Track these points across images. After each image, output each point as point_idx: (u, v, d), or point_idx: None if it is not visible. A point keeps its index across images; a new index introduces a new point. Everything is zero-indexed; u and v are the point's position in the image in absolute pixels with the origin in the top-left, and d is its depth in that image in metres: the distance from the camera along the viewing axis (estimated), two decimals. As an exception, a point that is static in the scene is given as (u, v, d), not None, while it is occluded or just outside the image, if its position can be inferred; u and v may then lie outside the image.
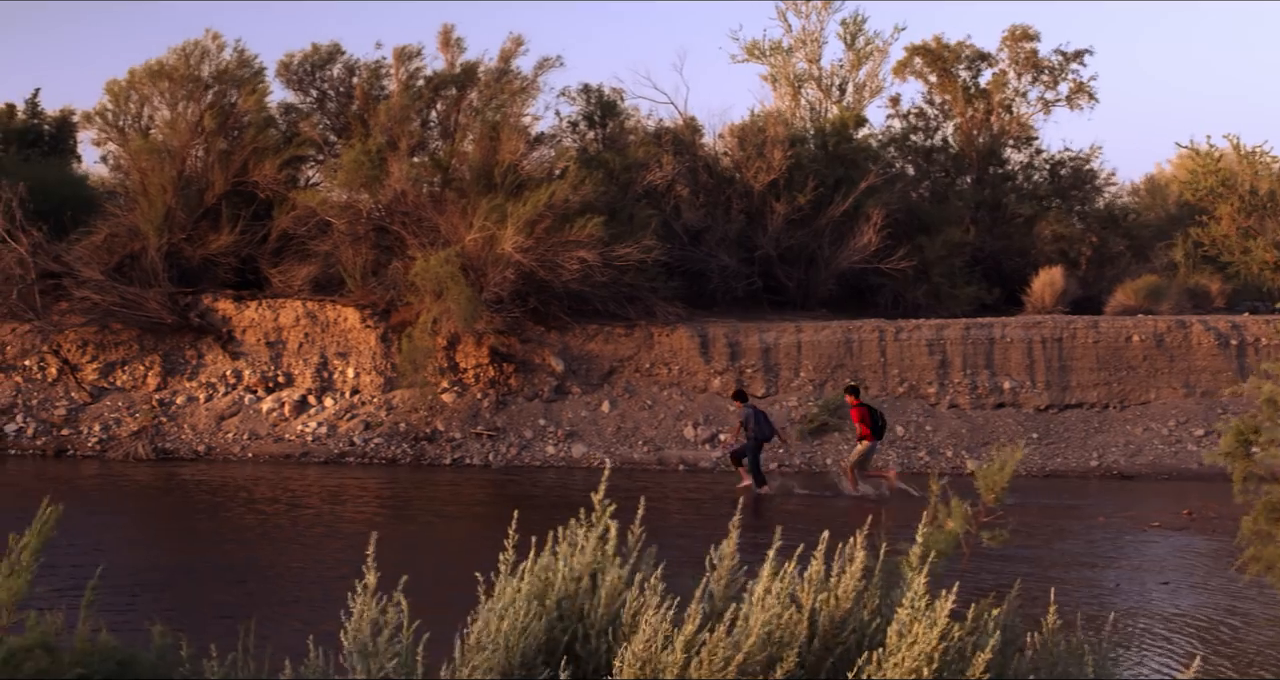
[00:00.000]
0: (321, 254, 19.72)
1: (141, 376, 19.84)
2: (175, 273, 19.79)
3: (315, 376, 19.85)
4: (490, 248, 19.03)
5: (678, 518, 14.41)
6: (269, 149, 19.71)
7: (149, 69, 19.64)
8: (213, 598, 10.21)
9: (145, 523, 14.58)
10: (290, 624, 8.85)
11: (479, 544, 11.84)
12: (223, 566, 11.46)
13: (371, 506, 15.26)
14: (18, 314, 19.50)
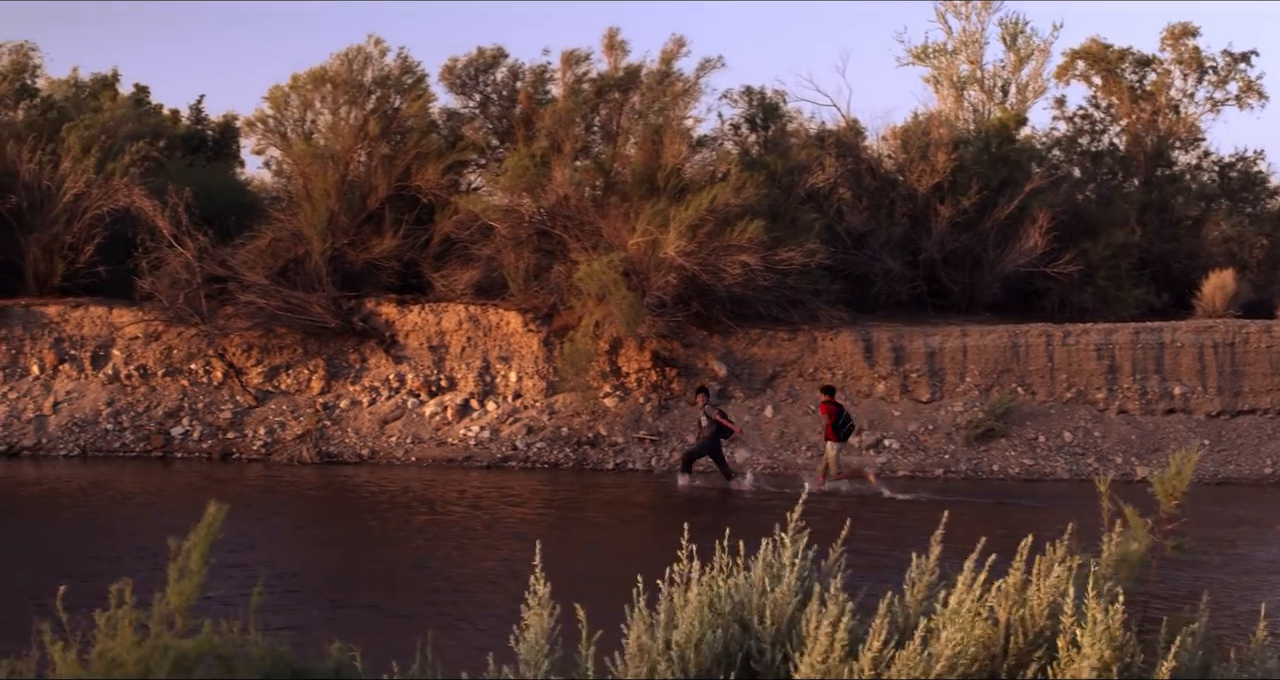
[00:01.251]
0: (484, 258, 21.60)
1: (305, 380, 21.80)
2: (338, 277, 21.78)
3: (478, 380, 21.70)
4: (653, 251, 20.79)
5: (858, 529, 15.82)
6: (432, 153, 21.70)
7: (312, 75, 21.77)
8: (382, 602, 11.23)
9: (313, 526, 16.12)
10: (462, 630, 9.92)
11: (646, 550, 13.44)
12: (392, 570, 12.71)
13: (536, 511, 16.76)
14: (184, 318, 21.57)
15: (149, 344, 21.99)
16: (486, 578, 12.34)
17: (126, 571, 9.63)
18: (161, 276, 21.39)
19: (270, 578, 11.18)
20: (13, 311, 22.10)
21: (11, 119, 22.51)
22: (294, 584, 11.67)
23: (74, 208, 21.94)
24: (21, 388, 21.81)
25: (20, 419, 21.38)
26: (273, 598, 10.58)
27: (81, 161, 21.66)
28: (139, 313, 21.87)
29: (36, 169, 21.89)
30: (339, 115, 21.88)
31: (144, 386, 21.85)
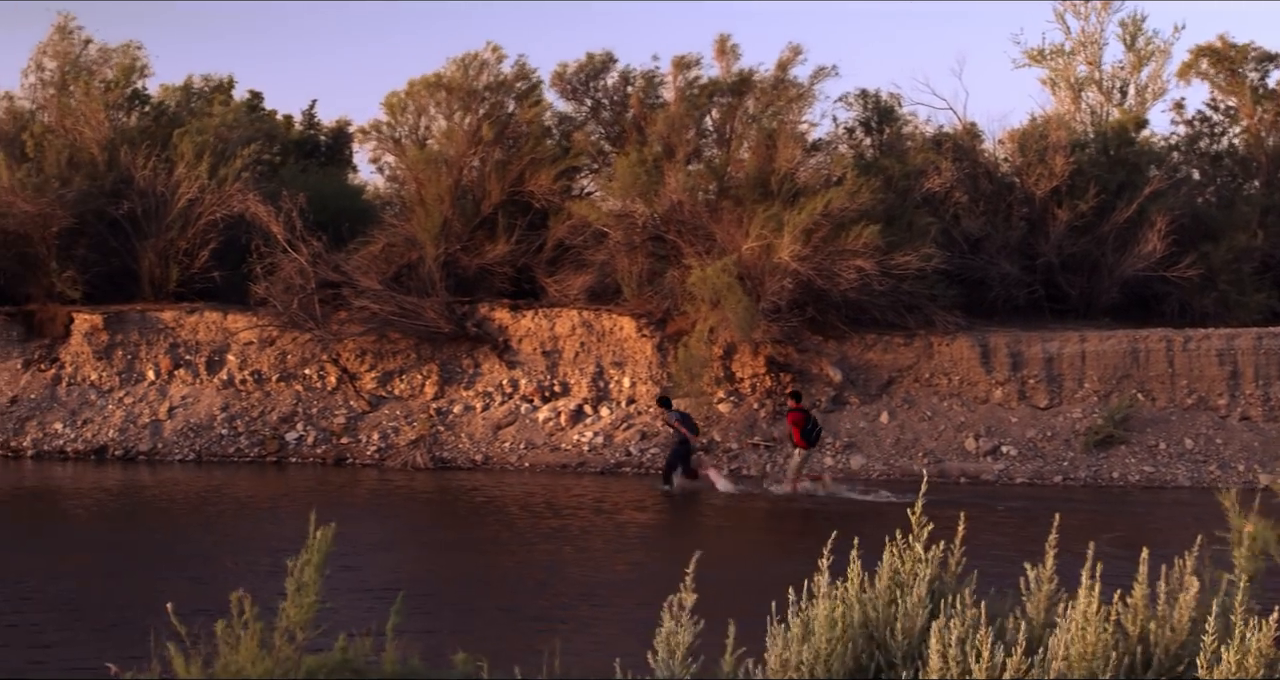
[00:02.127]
0: (597, 263, 23.00)
1: (419, 385, 23.29)
2: (452, 282, 23.26)
3: (591, 386, 23.09)
4: (767, 256, 22.08)
5: (984, 536, 16.98)
6: (545, 159, 23.16)
7: (427, 81, 23.30)
8: (506, 609, 12.12)
9: (431, 532, 17.36)
10: (586, 639, 10.68)
11: (769, 557, 14.69)
12: (513, 576, 13.81)
13: (654, 518, 18.05)
14: (298, 323, 23.12)
15: (263, 349, 23.55)
16: (610, 584, 13.33)
17: (247, 578, 11.11)
18: (276, 282, 22.92)
19: (391, 586, 12.69)
20: (129, 317, 23.76)
21: (125, 125, 24.14)
22: (415, 591, 12.45)
23: (188, 213, 23.59)
24: (137, 393, 23.44)
25: (136, 424, 23.01)
26: (389, 604, 12.00)
27: (195, 167, 23.26)
28: (253, 318, 23.44)
29: (151, 175, 23.55)
30: (453, 121, 23.37)
31: (258, 392, 23.41)
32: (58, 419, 23.31)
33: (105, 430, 23.04)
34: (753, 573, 13.18)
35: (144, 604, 11.51)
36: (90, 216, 23.75)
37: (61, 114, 24.10)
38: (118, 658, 8.91)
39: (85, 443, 22.88)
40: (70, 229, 23.61)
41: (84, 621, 11.39)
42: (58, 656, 10.37)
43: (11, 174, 23.15)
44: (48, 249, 23.65)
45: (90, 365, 23.87)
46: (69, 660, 10.20)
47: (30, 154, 23.54)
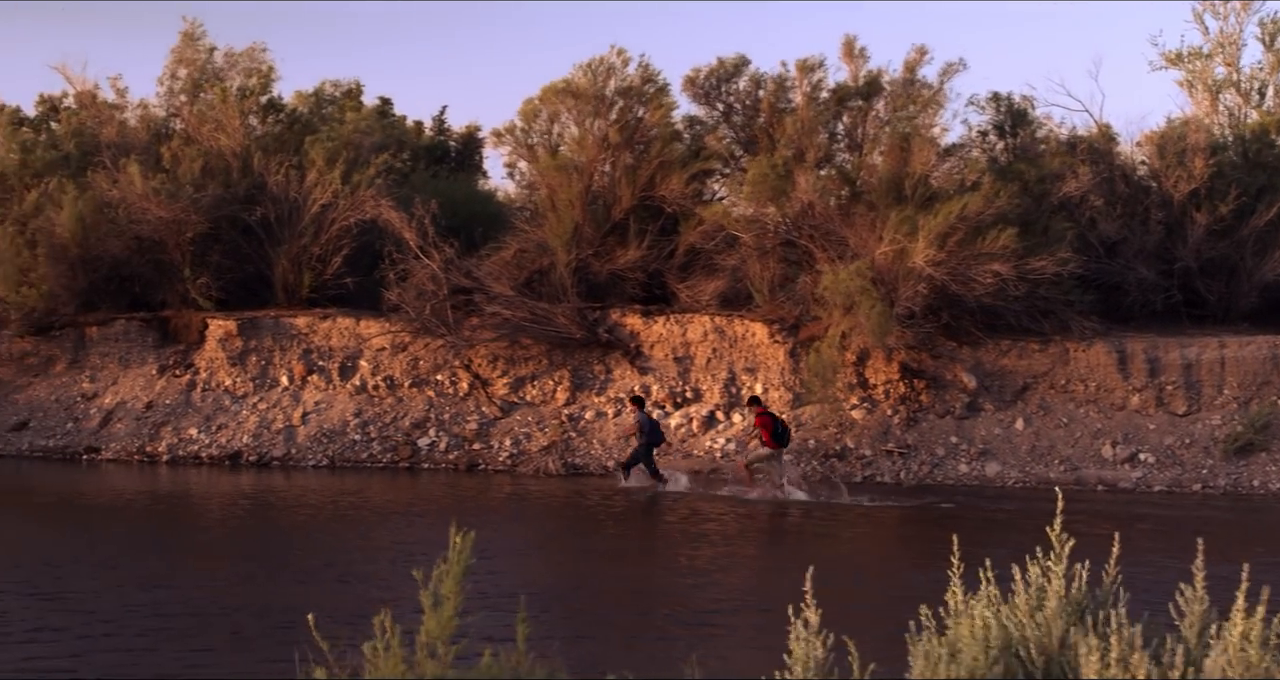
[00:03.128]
0: (729, 268, 24.74)
1: (551, 391, 25.14)
2: (583, 288, 25.10)
3: (723, 392, 24.83)
4: (901, 261, 23.69)
5: (1140, 545, 17.18)
6: (675, 163, 24.95)
7: (556, 87, 25.14)
8: (642, 618, 12.94)
9: (568, 539, 18.58)
10: (721, 650, 11.36)
11: (902, 568, 15.78)
12: (647, 585, 14.68)
13: (787, 526, 19.40)
14: (430, 329, 25.04)
15: (396, 355, 25.52)
16: (743, 592, 14.42)
17: (384, 585, 12.76)
18: (408, 288, 24.87)
19: (528, 594, 13.66)
20: (262, 323, 25.82)
21: (258, 131, 26.23)
22: (555, 599, 13.40)
23: (321, 219, 25.61)
24: (271, 399, 25.48)
25: (270, 430, 25.03)
26: (533, 614, 13.44)
27: (327, 173, 25.27)
28: (386, 324, 25.41)
29: (284, 181, 25.57)
30: (583, 127, 25.21)
31: (391, 397, 25.37)
32: (192, 424, 25.39)
33: (239, 436, 25.07)
34: (874, 583, 14.56)
35: (282, 610, 12.67)
36: (224, 223, 25.89)
37: (196, 121, 26.18)
38: (257, 664, 10.80)
39: (220, 448, 24.91)
40: (204, 235, 25.75)
41: (224, 627, 12.30)
42: (198, 661, 11.20)
43: (146, 181, 25.23)
44: (182, 255, 25.79)
45: (224, 371, 25.96)
46: (212, 665, 11.06)
47: (166, 163, 25.61)
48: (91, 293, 26.27)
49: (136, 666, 10.82)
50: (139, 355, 26.63)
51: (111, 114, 27.32)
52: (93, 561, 15.43)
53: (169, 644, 11.57)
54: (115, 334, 26.71)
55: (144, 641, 11.59)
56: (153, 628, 12.09)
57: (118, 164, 25.81)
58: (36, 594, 13.42)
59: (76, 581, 14.13)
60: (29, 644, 11.39)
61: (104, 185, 25.75)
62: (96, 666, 10.74)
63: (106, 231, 25.68)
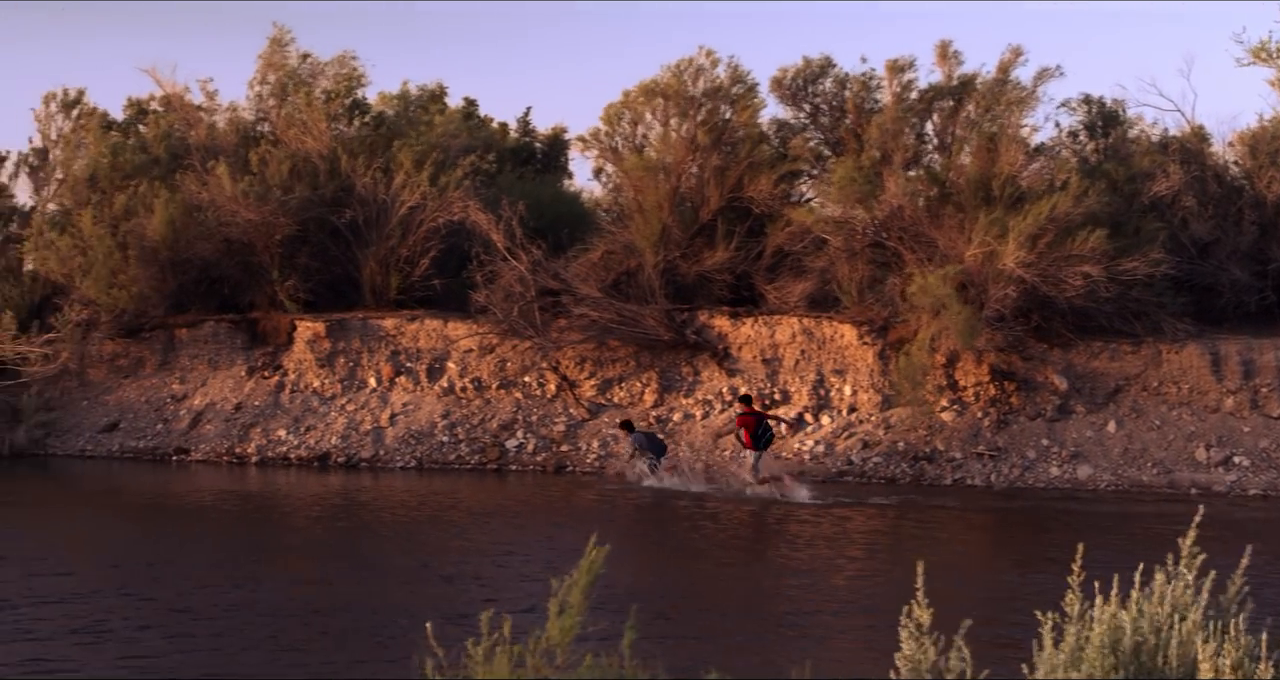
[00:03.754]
0: (817, 270, 25.87)
1: (638, 393, 26.36)
2: (671, 289, 26.30)
3: (812, 394, 25.95)
4: (990, 263, 24.73)
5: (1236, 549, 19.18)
6: (763, 164, 26.12)
7: (643, 88, 26.38)
8: (740, 620, 13.61)
9: (659, 541, 19.42)
10: (823, 652, 11.94)
11: (1000, 570, 16.58)
12: (742, 587, 15.38)
13: (874, 524, 20.29)
14: (518, 331, 26.31)
15: (483, 357, 26.83)
16: (841, 592, 15.19)
17: (486, 586, 13.88)
18: (496, 289, 26.16)
19: (627, 595, 14.19)
20: (350, 324, 27.20)
21: (346, 134, 27.61)
22: (649, 601, 13.90)
23: (408, 221, 26.96)
24: (359, 400, 26.83)
25: (358, 431, 26.38)
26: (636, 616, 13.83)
27: (415, 176, 26.59)
28: (473, 326, 26.72)
29: (371, 183, 26.93)
30: (670, 127, 26.42)
31: (478, 399, 26.68)
32: (281, 426, 26.80)
33: (328, 437, 26.43)
34: (976, 585, 15.40)
35: (376, 611, 13.56)
36: (312, 225, 27.33)
37: (284, 124, 27.60)
38: (352, 663, 11.63)
39: (308, 449, 26.29)
40: (293, 237, 27.16)
41: (320, 627, 13.01)
42: (296, 660, 11.79)
43: (235, 184, 26.65)
44: (271, 257, 27.22)
45: (313, 372, 27.37)
46: (309, 664, 11.64)
47: (254, 166, 27.03)
48: (181, 295, 27.81)
49: (237, 666, 11.58)
50: (228, 357, 28.12)
51: (200, 117, 28.81)
52: (187, 562, 16.47)
53: (266, 643, 12.35)
54: (204, 336, 28.23)
55: (241, 641, 12.40)
56: (249, 627, 12.88)
57: (207, 167, 27.25)
58: (135, 594, 14.37)
59: (173, 582, 15.06)
60: (131, 643, 12.23)
61: (193, 188, 27.20)
62: (198, 666, 11.52)
63: (196, 234, 27.16)
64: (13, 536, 18.36)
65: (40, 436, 27.59)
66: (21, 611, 13.36)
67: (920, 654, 4.97)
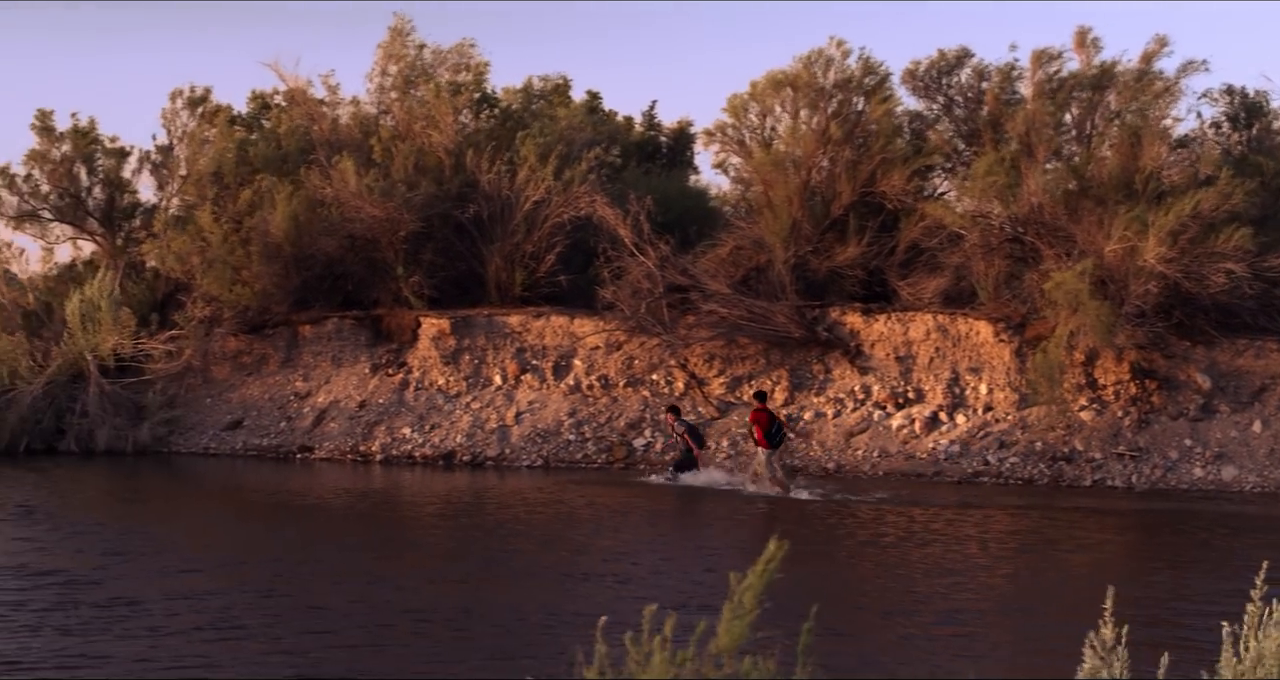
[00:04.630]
0: (952, 265, 27.05)
1: (768, 391, 27.63)
2: (801, 285, 27.61)
3: (946, 392, 27.16)
4: (1131, 259, 25.77)
5: None
6: (896, 158, 27.34)
7: (771, 79, 27.71)
8: (904, 620, 14.04)
9: (798, 540, 20.20)
10: (995, 653, 12.49)
11: (1149, 572, 17.09)
12: (891, 589, 15.82)
13: (1026, 527, 21.04)
14: (646, 328, 27.71)
15: (610, 354, 28.30)
16: (1002, 596, 15.71)
17: (630, 585, 15.18)
18: (623, 286, 27.58)
19: (782, 598, 15.50)
20: (475, 321, 28.77)
21: (469, 128, 29.18)
22: (789, 602, 16.15)
23: (534, 216, 28.45)
24: (484, 398, 28.39)
25: (484, 430, 27.92)
26: (787, 617, 14.56)
27: (539, 170, 28.08)
28: (600, 322, 28.18)
29: (496, 178, 28.46)
30: (799, 120, 27.73)
31: (605, 397, 28.15)
32: (406, 424, 28.40)
33: (453, 435, 27.99)
34: (1129, 585, 16.17)
35: (512, 609, 14.25)
36: (436, 220, 28.88)
37: (408, 118, 29.22)
38: (487, 661, 12.35)
39: (433, 448, 27.86)
40: (417, 233, 28.71)
41: (460, 626, 13.55)
42: (433, 658, 12.38)
43: (359, 179, 28.27)
44: (395, 253, 28.85)
45: (437, 370, 28.98)
46: (451, 663, 12.22)
47: (378, 159, 28.65)
48: (304, 291, 29.52)
49: (381, 664, 12.18)
50: (352, 354, 29.82)
51: (323, 111, 30.51)
52: (317, 560, 17.41)
53: (408, 642, 12.93)
54: (328, 333, 29.96)
55: (380, 639, 13.04)
56: (389, 626, 13.51)
57: (330, 161, 28.90)
58: (264, 592, 15.13)
59: (304, 580, 15.96)
60: (263, 641, 12.83)
61: (317, 183, 28.85)
62: (334, 664, 12.10)
63: (319, 230, 28.86)
64: (140, 534, 19.58)
65: (164, 434, 29.38)
66: (152, 608, 14.18)
67: (1105, 672, 5.22)
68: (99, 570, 16.41)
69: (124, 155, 32.01)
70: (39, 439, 29.27)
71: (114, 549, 18.05)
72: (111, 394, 29.28)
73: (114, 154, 31.86)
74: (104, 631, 13.14)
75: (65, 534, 19.38)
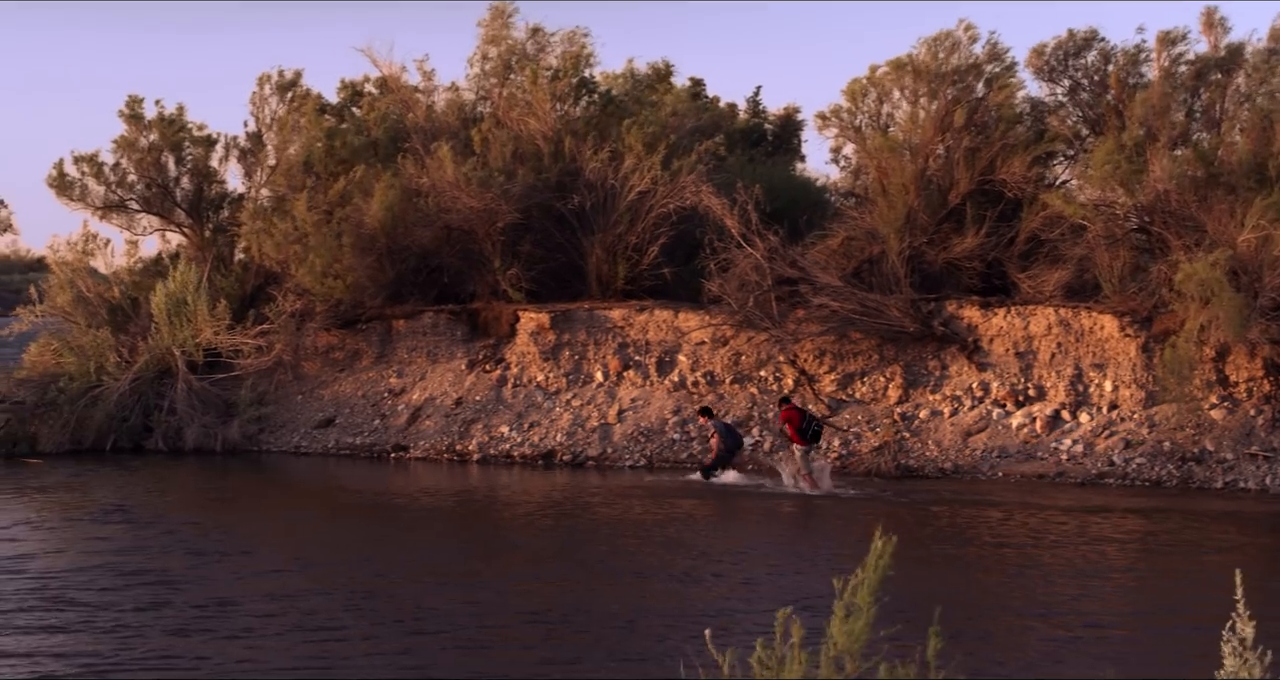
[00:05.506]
0: (1074, 257, 27.64)
1: (881, 389, 28.41)
2: (916, 278, 28.31)
3: (1069, 390, 27.75)
4: (1265, 248, 26.24)
5: None
6: (1018, 145, 27.99)
7: (893, 63, 28.44)
8: (1036, 628, 14.43)
9: (933, 546, 20.42)
10: (1138, 660, 12.81)
11: None
12: (1013, 595, 16.24)
13: (1164, 528, 21.46)
14: (754, 322, 28.51)
15: (716, 349, 29.13)
16: (1137, 601, 16.24)
17: (735, 587, 15.99)
18: (730, 278, 28.36)
19: (913, 600, 15.95)
20: (576, 315, 29.70)
21: (571, 115, 30.11)
22: (921, 605, 14.77)
23: (637, 207, 29.30)
24: (585, 395, 29.30)
25: (584, 428, 28.82)
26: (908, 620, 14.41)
27: (646, 159, 28.95)
28: (706, 317, 29.03)
29: (600, 167, 29.34)
30: (918, 106, 28.44)
31: (711, 394, 28.99)
32: (504, 422, 29.38)
33: (552, 434, 28.94)
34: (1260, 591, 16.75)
35: (623, 610, 14.91)
36: (535, 211, 29.82)
37: (506, 105, 30.19)
38: (612, 664, 12.96)
39: (532, 447, 28.82)
40: (515, 224, 29.68)
41: (575, 627, 14.26)
42: (545, 659, 13.02)
43: (457, 168, 29.24)
44: (492, 245, 29.86)
45: (536, 366, 29.94)
46: (565, 664, 12.83)
47: (476, 147, 29.63)
48: (399, 284, 30.61)
49: (486, 665, 12.82)
50: (447, 349, 30.87)
51: (418, 98, 31.54)
52: (415, 562, 18.17)
53: (520, 643, 13.64)
54: (423, 327, 31.04)
55: (481, 640, 13.75)
56: (489, 627, 14.19)
57: (427, 150, 29.89)
58: (363, 592, 15.95)
59: (402, 582, 16.70)
60: (367, 640, 13.57)
61: (412, 172, 29.86)
62: (443, 666, 12.70)
63: (415, 220, 29.87)
64: (235, 534, 20.60)
65: (254, 432, 30.57)
66: (248, 609, 15.03)
67: (1246, 671, 5.29)
68: (193, 570, 17.37)
69: (212, 144, 33.23)
70: (126, 437, 30.62)
71: (207, 549, 19.01)
72: (200, 391, 30.49)
73: (202, 142, 33.11)
74: (202, 631, 14.00)
75: (158, 533, 20.39)
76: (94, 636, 13.83)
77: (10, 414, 30.18)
